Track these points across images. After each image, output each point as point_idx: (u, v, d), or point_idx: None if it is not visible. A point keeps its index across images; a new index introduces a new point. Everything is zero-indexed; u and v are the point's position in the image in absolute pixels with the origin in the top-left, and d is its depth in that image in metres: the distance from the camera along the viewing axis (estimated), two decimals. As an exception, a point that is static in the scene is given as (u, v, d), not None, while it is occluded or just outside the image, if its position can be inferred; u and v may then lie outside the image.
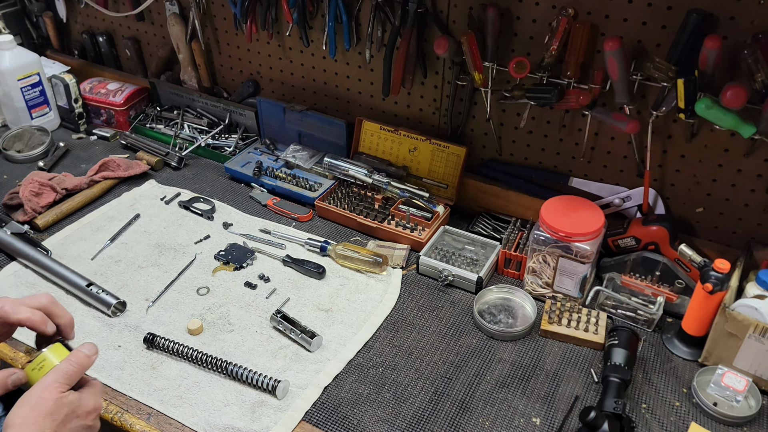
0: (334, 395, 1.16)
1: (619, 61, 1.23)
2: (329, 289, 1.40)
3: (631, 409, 1.14)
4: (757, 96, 1.16)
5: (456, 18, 1.46)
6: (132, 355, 1.22)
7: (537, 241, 1.34)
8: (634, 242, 1.38)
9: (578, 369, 1.22)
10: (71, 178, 1.68)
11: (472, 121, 1.58)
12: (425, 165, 1.62)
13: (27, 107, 1.93)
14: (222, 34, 1.89)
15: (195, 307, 1.34)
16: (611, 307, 1.34)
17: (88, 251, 1.50)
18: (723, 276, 1.15)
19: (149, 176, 1.79)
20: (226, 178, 1.78)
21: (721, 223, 1.39)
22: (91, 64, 2.21)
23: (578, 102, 1.34)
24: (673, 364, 1.24)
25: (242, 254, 1.47)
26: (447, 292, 1.41)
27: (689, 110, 1.21)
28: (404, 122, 1.69)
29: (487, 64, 1.42)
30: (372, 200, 1.64)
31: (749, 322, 1.12)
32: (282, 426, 1.09)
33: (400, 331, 1.30)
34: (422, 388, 1.17)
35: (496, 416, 1.13)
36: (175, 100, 2.03)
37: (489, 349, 1.26)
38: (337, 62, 1.71)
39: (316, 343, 1.24)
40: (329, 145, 1.77)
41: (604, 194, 1.48)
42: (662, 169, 1.40)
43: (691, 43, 1.19)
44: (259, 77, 1.91)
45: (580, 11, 1.31)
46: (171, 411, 1.12)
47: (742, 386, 1.12)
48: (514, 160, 1.58)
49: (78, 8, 2.15)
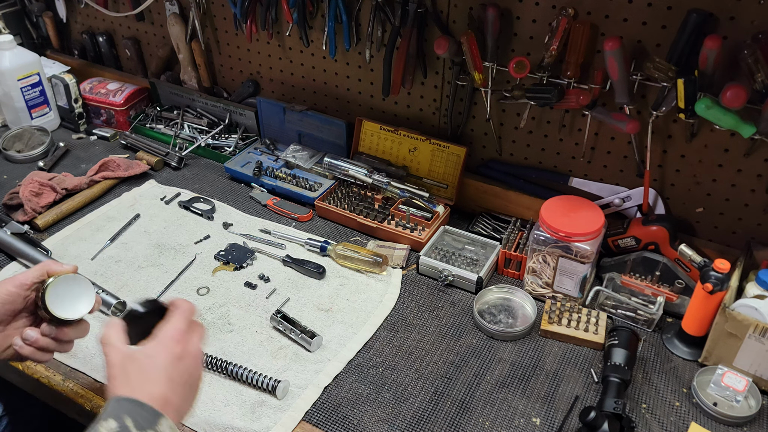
0: (334, 395, 1.16)
1: (619, 61, 1.23)
2: (329, 289, 1.40)
3: (631, 409, 1.14)
4: (757, 96, 1.15)
5: (456, 18, 1.46)
6: (132, 355, 1.22)
7: (537, 241, 1.34)
8: (634, 242, 1.38)
9: (578, 369, 1.22)
10: (71, 178, 1.68)
11: (472, 121, 1.58)
12: (425, 165, 1.62)
13: (27, 107, 1.93)
14: (222, 34, 1.89)
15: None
16: (611, 307, 1.34)
17: (88, 251, 1.50)
18: (723, 276, 1.15)
19: (149, 176, 1.79)
20: (226, 178, 1.78)
21: (721, 223, 1.39)
22: (91, 64, 2.21)
23: (578, 102, 1.34)
24: (673, 364, 1.24)
25: (242, 254, 1.47)
26: (447, 292, 1.41)
27: (689, 110, 1.21)
28: (404, 122, 1.69)
29: (487, 64, 1.42)
30: (372, 200, 1.64)
31: (749, 322, 1.12)
32: (282, 426, 1.09)
33: (400, 331, 1.30)
34: (422, 388, 1.17)
35: (496, 416, 1.13)
36: (175, 100, 2.03)
37: (489, 349, 1.26)
38: (337, 62, 1.71)
39: (316, 343, 1.24)
40: (329, 145, 1.77)
41: (604, 194, 1.48)
42: (662, 169, 1.40)
43: (691, 43, 1.19)
44: (259, 77, 1.91)
45: (580, 11, 1.31)
46: (171, 411, 1.12)
47: (742, 386, 1.12)
48: (514, 160, 1.58)
49: (78, 8, 2.15)
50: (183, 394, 0.87)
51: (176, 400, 0.85)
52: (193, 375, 0.89)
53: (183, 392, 0.87)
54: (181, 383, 0.87)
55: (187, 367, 0.88)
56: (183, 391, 0.87)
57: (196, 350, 0.91)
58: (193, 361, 0.90)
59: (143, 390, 0.83)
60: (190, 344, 0.90)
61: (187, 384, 0.88)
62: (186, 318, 0.93)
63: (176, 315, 0.92)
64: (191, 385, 0.89)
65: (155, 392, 0.83)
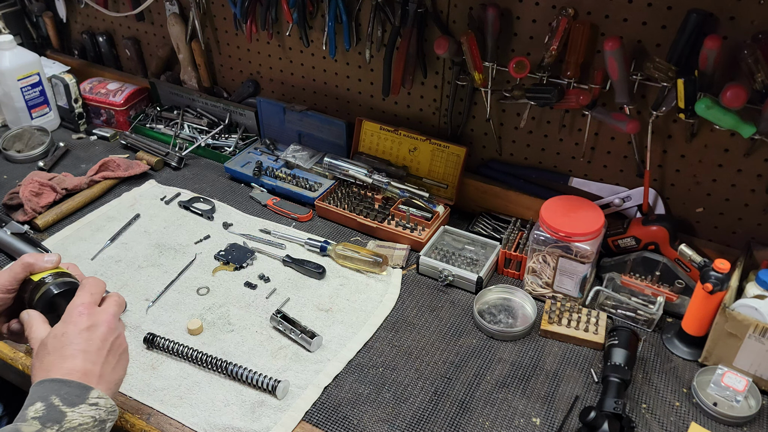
0: (334, 395, 1.16)
1: (619, 61, 1.23)
2: (329, 289, 1.40)
3: (631, 409, 1.14)
4: (757, 96, 1.16)
5: (456, 18, 1.46)
6: (132, 355, 1.22)
7: (537, 241, 1.34)
8: (634, 242, 1.38)
9: (578, 369, 1.22)
10: (71, 178, 1.68)
11: (472, 121, 1.58)
12: (425, 165, 1.62)
13: (27, 107, 1.93)
14: (222, 34, 1.89)
15: (195, 307, 1.34)
16: (611, 307, 1.34)
17: (88, 251, 1.50)
18: (723, 276, 1.15)
19: (149, 176, 1.79)
20: (226, 178, 1.78)
21: (721, 223, 1.39)
22: (91, 64, 2.21)
23: (578, 102, 1.34)
24: (673, 364, 1.24)
25: (242, 254, 1.47)
26: (447, 292, 1.41)
27: (689, 110, 1.21)
28: (404, 122, 1.69)
29: (487, 64, 1.42)
30: (372, 200, 1.64)
31: (749, 322, 1.12)
32: (282, 426, 1.09)
33: (400, 331, 1.30)
34: (422, 388, 1.17)
35: (496, 416, 1.13)
36: (175, 100, 2.03)
37: (489, 349, 1.26)
38: (337, 62, 1.71)
39: (316, 343, 1.24)
40: (329, 145, 1.77)
41: (604, 194, 1.48)
42: (662, 169, 1.40)
43: (691, 43, 1.19)
44: (259, 77, 1.91)
45: (580, 11, 1.31)
46: (171, 411, 1.12)
47: (742, 386, 1.12)
48: (514, 160, 1.58)
49: (78, 8, 2.15)
50: (104, 362, 0.88)
51: (97, 369, 0.86)
52: (108, 341, 0.90)
53: (103, 360, 0.87)
54: (97, 351, 0.87)
55: (100, 335, 0.89)
56: (102, 359, 0.87)
57: (107, 318, 0.91)
58: (106, 328, 0.90)
59: (60, 368, 0.83)
60: (99, 314, 0.91)
61: (105, 351, 0.88)
62: (90, 292, 0.93)
63: (79, 292, 0.93)
64: (111, 351, 0.90)
65: (72, 367, 0.84)
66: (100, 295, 0.95)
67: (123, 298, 0.98)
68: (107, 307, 0.94)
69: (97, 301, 0.94)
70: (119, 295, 0.97)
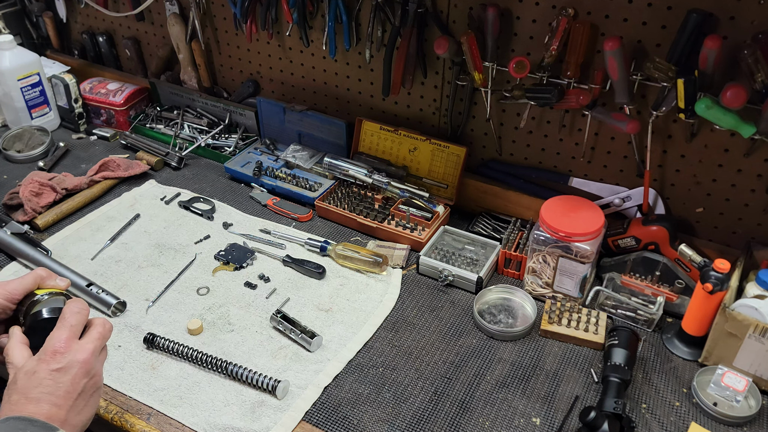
0: (334, 395, 1.16)
1: (619, 61, 1.23)
2: (329, 289, 1.40)
3: (631, 409, 1.14)
4: (757, 96, 1.16)
5: (456, 18, 1.46)
6: (132, 355, 1.22)
7: (537, 241, 1.34)
8: (634, 242, 1.38)
9: (578, 369, 1.22)
10: (71, 178, 1.68)
11: (472, 121, 1.58)
12: (425, 165, 1.62)
13: (27, 107, 1.93)
14: (222, 34, 1.89)
15: (195, 307, 1.34)
16: (611, 307, 1.34)
17: (88, 251, 1.50)
18: (723, 276, 1.15)
19: (149, 176, 1.79)
20: (226, 178, 1.78)
21: (721, 223, 1.39)
22: (91, 64, 2.21)
23: (578, 102, 1.34)
24: (673, 364, 1.24)
25: (242, 254, 1.47)
26: (447, 292, 1.41)
27: (689, 110, 1.21)
28: (404, 122, 1.69)
29: (487, 64, 1.42)
30: (372, 200, 1.64)
31: (749, 322, 1.12)
32: (282, 426, 1.09)
33: (400, 331, 1.30)
34: (422, 388, 1.17)
35: (496, 416, 1.13)
36: (175, 100, 2.03)
37: (489, 349, 1.26)
38: (337, 62, 1.71)
39: (316, 343, 1.24)
40: (329, 145, 1.77)
41: (604, 194, 1.48)
42: (662, 169, 1.40)
43: (691, 43, 1.19)
44: (259, 77, 1.91)
45: (580, 11, 1.31)
46: (171, 411, 1.12)
47: (742, 386, 1.12)
48: (514, 160, 1.58)
49: (78, 8, 2.15)
50: (71, 406, 0.84)
51: (63, 413, 0.83)
52: (79, 384, 0.86)
53: (70, 404, 0.84)
54: (65, 395, 0.84)
55: (71, 378, 0.85)
56: (70, 403, 0.84)
57: (84, 357, 0.86)
58: (79, 370, 0.86)
59: (25, 409, 0.81)
60: (75, 353, 0.86)
61: (75, 394, 0.85)
62: (70, 324, 0.88)
63: (59, 323, 0.89)
64: (82, 394, 0.86)
65: (35, 410, 0.81)
66: (82, 325, 0.90)
67: (109, 326, 0.92)
68: (86, 343, 0.88)
69: (77, 334, 0.89)
70: (104, 324, 0.92)
